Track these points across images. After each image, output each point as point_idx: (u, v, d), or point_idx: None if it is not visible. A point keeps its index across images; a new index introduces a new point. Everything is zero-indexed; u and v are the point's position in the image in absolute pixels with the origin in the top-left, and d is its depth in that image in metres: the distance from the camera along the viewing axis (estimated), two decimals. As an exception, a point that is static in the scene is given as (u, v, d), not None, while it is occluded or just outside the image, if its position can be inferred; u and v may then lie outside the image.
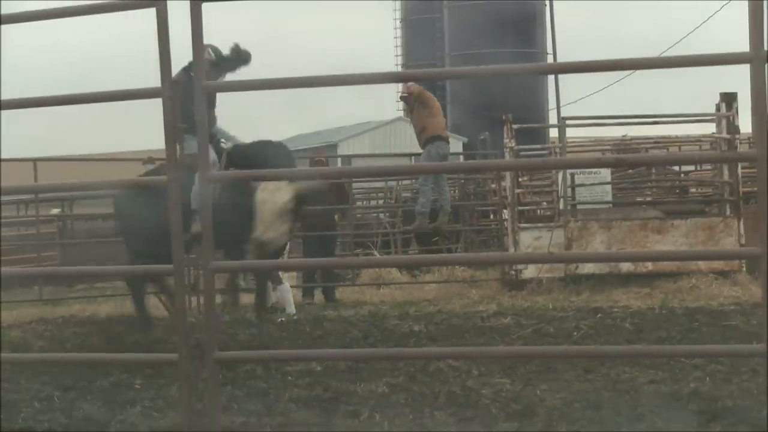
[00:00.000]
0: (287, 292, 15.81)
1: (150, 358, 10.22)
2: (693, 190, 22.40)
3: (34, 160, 20.43)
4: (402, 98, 20.54)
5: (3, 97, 7.80)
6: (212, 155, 12.54)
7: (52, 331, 14.32)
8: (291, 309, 15.61)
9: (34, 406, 9.16)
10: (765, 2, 6.27)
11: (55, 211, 24.18)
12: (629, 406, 8.56)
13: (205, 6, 6.67)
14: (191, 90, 6.87)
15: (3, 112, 7.93)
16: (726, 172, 18.94)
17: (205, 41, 6.83)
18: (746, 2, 6.31)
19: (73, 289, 20.88)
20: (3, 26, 7.70)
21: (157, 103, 6.90)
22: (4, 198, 22.13)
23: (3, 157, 19.06)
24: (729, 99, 18.87)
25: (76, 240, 23.01)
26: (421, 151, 18.95)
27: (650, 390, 9.21)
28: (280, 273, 15.60)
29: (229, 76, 12.60)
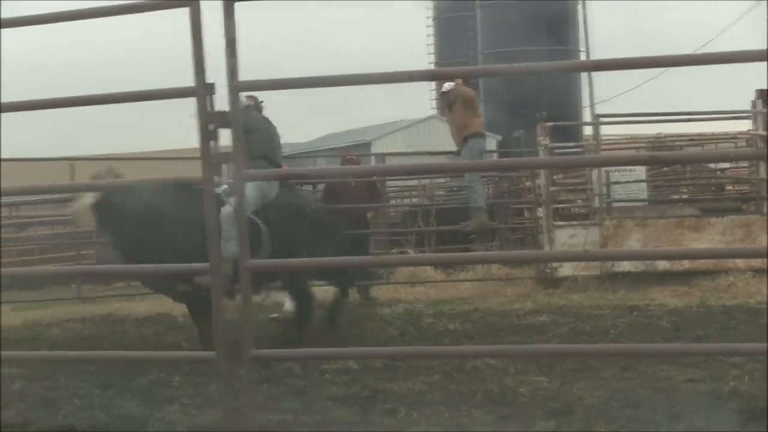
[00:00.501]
0: None
1: (188, 356, 10.26)
2: (729, 187, 22.30)
3: (71, 160, 20.51)
4: (442, 94, 20.50)
5: (36, 97, 7.84)
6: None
7: (90, 329, 14.37)
8: (289, 305, 15.52)
9: (74, 403, 9.20)
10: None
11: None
12: (667, 404, 8.52)
13: (237, 5, 6.68)
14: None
15: (39, 112, 7.97)
16: (763, 169, 18.82)
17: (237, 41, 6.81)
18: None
19: (110, 287, 20.95)
20: (39, 26, 7.73)
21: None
22: (43, 197, 22.21)
23: (42, 156, 19.20)
24: (764, 95, 18.76)
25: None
26: (455, 148, 18.94)
27: (688, 389, 9.16)
28: None
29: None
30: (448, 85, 19.29)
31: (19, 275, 14.96)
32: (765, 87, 18.91)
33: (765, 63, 6.29)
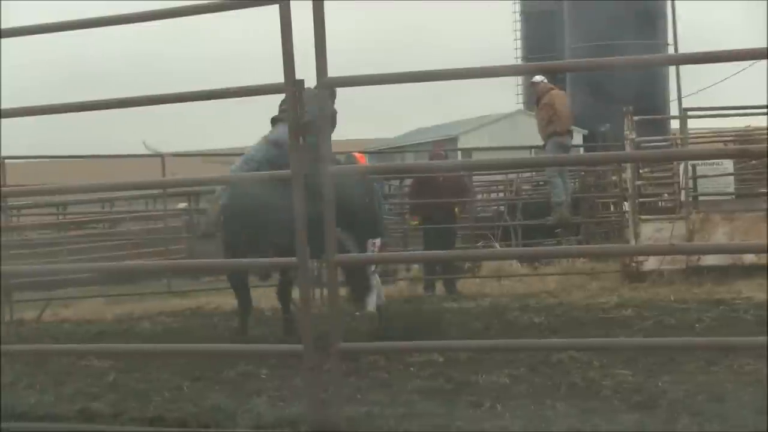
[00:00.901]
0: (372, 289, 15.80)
1: (276, 349, 10.31)
2: (817, 180, 22.00)
3: (162, 156, 20.74)
4: (532, 84, 20.56)
5: (135, 94, 7.95)
6: None
7: (180, 323, 14.52)
8: (371, 307, 15.57)
9: (164, 395, 9.29)
10: None
11: (182, 205, 24.48)
12: (754, 398, 8.45)
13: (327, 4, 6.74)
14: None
15: (135, 109, 8.09)
16: None
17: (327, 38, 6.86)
18: None
19: (199, 281, 21.14)
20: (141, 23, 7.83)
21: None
22: (136, 193, 22.44)
23: (133, 153, 19.43)
24: None
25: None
26: (541, 142, 18.96)
27: (774, 383, 9.10)
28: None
29: None
30: (538, 78, 19.33)
31: (111, 270, 15.13)
32: None
33: None
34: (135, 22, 7.74)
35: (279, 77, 6.95)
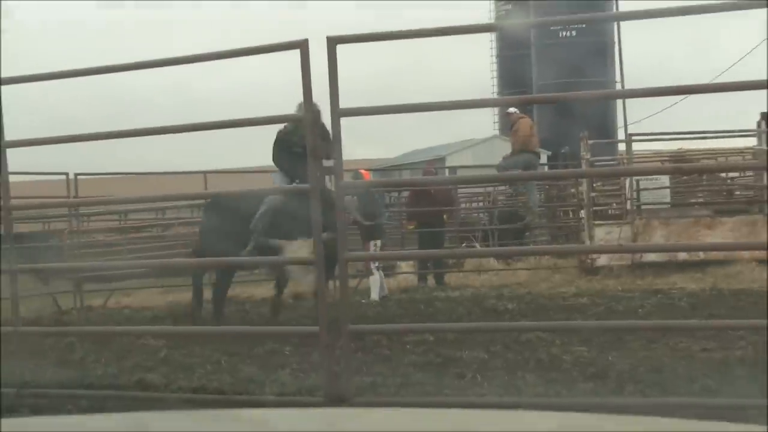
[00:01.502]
0: (374, 281, 15.79)
1: (296, 331, 10.31)
2: (738, 192, 22.00)
3: (204, 173, 20.74)
4: (506, 114, 20.58)
5: (183, 122, 7.95)
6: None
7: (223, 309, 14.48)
8: (375, 296, 15.58)
9: (206, 368, 9.30)
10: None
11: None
12: (685, 370, 8.45)
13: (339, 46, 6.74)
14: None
15: (181, 136, 8.09)
16: (765, 178, 18.66)
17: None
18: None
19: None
20: (177, 65, 7.83)
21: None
22: (183, 202, 22.44)
23: (181, 170, 19.44)
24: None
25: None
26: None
27: (703, 357, 9.10)
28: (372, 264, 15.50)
29: None
30: (512, 109, 19.35)
31: (163, 266, 15.13)
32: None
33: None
34: (179, 64, 7.75)
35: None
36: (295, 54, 6.85)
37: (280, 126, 11.59)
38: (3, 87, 7.98)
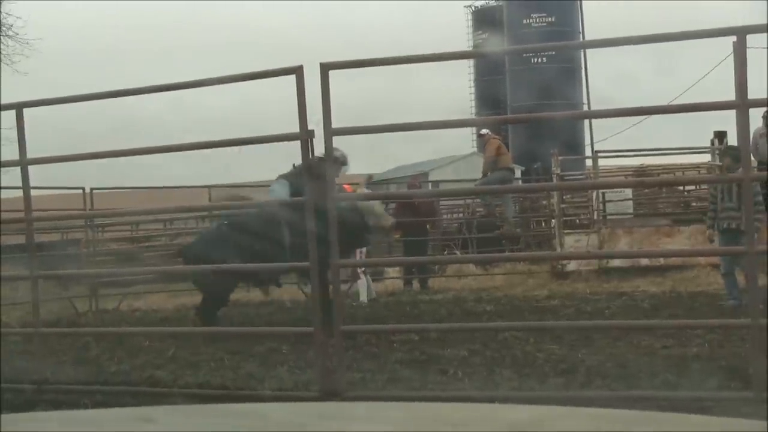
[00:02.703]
0: (362, 285, 15.75)
1: (293, 331, 10.29)
2: (694, 204, 22.05)
3: (209, 187, 20.74)
4: (480, 135, 20.59)
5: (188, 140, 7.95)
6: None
7: (222, 312, 14.43)
8: (363, 298, 15.55)
9: (210, 365, 9.27)
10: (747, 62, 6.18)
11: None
12: (648, 365, 8.45)
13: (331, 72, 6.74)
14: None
15: (187, 153, 8.08)
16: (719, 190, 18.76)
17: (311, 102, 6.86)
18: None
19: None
20: (174, 91, 7.82)
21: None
22: (189, 214, 22.37)
23: (186, 185, 19.42)
24: (720, 135, 18.81)
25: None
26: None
27: (663, 353, 9.09)
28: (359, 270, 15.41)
29: None
30: (484, 131, 19.34)
31: (171, 272, 15.07)
32: (720, 129, 18.91)
33: (733, 111, 6.28)
34: (181, 89, 7.75)
35: (293, 127, 6.97)
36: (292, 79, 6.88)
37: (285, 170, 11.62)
38: (24, 110, 7.99)
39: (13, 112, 8.00)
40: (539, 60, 51.54)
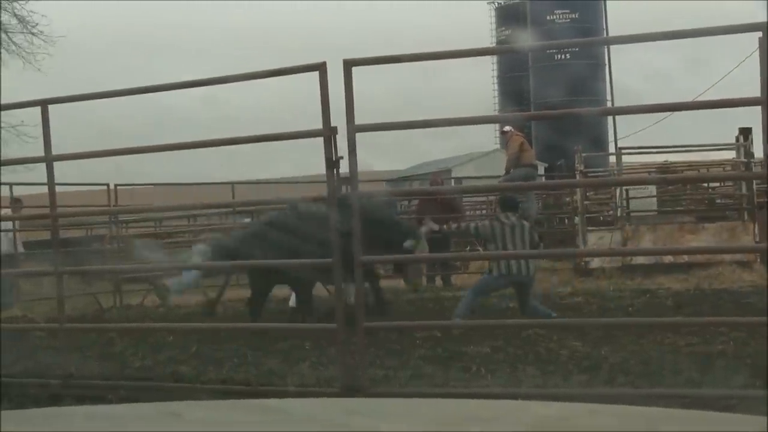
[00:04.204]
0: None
1: (315, 327, 10.31)
2: (718, 201, 21.95)
3: (233, 184, 20.78)
4: (503, 132, 20.53)
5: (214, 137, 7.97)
6: None
7: (245, 308, 14.46)
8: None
9: (233, 361, 9.30)
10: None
11: (247, 220, 24.46)
12: (672, 363, 8.43)
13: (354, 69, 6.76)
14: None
15: (210, 150, 8.10)
16: (744, 187, 18.67)
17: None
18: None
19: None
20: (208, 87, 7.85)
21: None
22: (213, 210, 22.43)
23: (211, 181, 19.52)
24: (745, 132, 18.75)
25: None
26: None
27: (687, 351, 9.05)
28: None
29: None
30: (507, 128, 19.29)
31: (194, 268, 15.12)
32: (745, 126, 18.83)
33: (759, 107, 6.25)
34: (205, 85, 7.77)
35: (316, 124, 6.99)
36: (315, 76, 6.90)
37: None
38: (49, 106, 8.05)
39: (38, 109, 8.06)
40: (563, 56, 51.40)
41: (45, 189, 8.32)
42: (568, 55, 51.38)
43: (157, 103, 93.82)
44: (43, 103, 8.04)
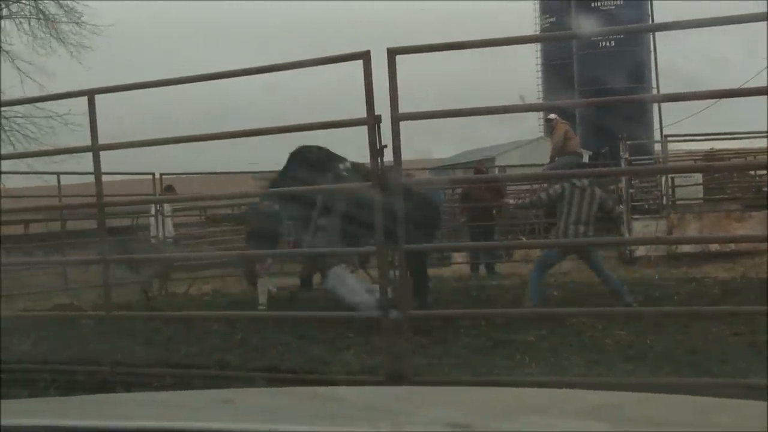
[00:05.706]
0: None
1: (361, 315, 10.33)
2: (765, 188, 21.74)
3: (276, 172, 20.82)
4: (547, 120, 20.45)
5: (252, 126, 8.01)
6: None
7: (287, 295, 14.51)
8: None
9: (278, 349, 9.35)
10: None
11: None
12: (718, 352, 8.39)
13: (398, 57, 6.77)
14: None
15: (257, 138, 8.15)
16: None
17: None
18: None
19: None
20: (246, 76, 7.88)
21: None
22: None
23: (254, 171, 19.57)
24: (794, 119, 18.50)
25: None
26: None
27: (733, 340, 9.02)
28: None
29: None
30: (552, 115, 19.21)
31: (238, 256, 15.23)
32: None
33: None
34: (248, 75, 7.79)
35: (359, 113, 7.00)
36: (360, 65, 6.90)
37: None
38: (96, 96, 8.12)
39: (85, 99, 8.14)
40: (608, 43, 50.99)
41: (92, 178, 8.38)
42: (612, 42, 50.91)
43: (220, 91, 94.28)
44: (90, 93, 8.10)
